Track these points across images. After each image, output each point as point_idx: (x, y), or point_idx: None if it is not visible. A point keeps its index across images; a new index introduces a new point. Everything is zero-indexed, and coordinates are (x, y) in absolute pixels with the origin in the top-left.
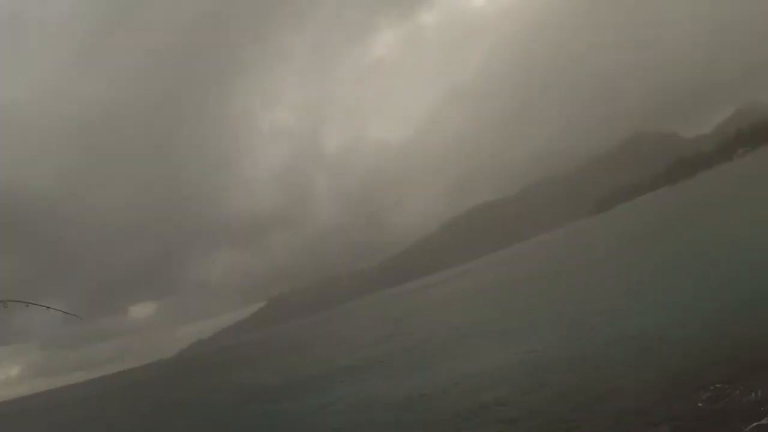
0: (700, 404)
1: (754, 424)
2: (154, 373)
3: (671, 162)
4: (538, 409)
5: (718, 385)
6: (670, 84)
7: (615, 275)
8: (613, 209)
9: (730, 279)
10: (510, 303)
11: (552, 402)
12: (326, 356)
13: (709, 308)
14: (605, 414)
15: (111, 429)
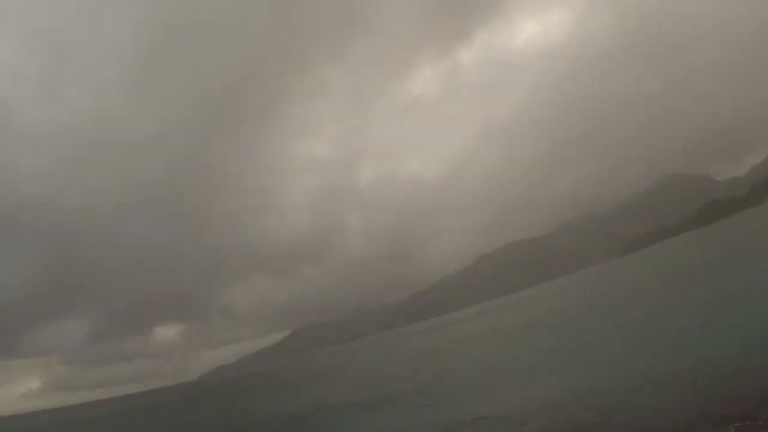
0: None
1: None
2: (175, 395)
3: (702, 205)
4: None
5: (738, 423)
6: (707, 127)
7: (639, 316)
8: (641, 251)
9: (753, 320)
10: (535, 341)
11: None
12: (347, 389)
13: (731, 348)
14: None
15: None
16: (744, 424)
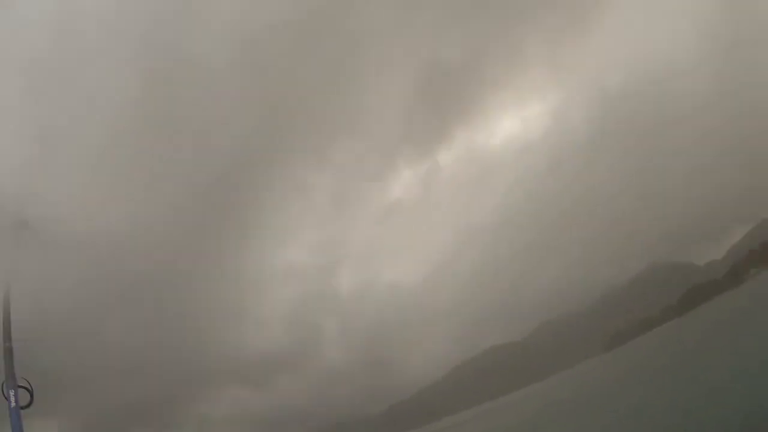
0: None
1: None
2: None
3: (682, 292)
4: None
5: None
6: (685, 212)
7: (620, 415)
8: (624, 345)
9: (733, 410)
10: None
11: None
12: None
13: None
14: None
15: None
16: None
